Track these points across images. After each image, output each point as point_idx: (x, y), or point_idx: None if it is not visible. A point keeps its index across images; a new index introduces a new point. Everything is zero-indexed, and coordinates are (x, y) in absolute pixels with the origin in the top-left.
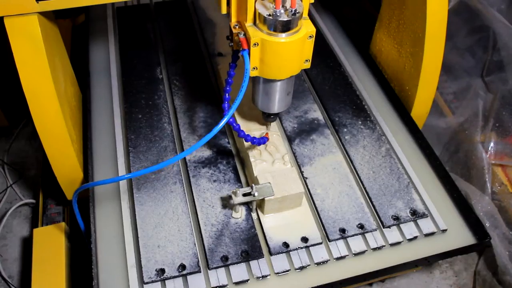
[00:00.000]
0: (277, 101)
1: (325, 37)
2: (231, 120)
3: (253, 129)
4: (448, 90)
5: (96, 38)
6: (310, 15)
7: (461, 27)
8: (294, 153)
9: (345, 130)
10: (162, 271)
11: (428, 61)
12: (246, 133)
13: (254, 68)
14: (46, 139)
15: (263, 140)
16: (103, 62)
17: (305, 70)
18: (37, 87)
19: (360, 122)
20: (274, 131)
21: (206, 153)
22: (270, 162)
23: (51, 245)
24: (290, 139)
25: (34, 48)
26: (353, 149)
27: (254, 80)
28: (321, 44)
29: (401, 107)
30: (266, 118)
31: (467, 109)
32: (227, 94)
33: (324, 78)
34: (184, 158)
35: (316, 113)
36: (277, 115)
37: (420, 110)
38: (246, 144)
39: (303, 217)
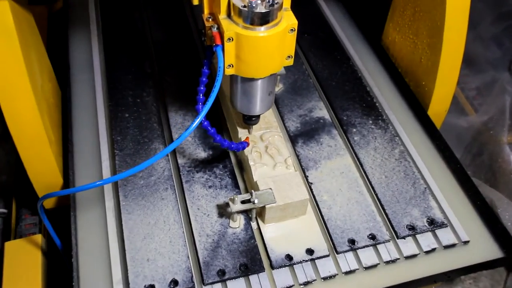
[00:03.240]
0: (258, 102)
1: (331, 26)
2: (205, 123)
3: (254, 129)
4: (470, 85)
5: (77, 28)
6: (315, 2)
7: (485, 13)
8: (297, 156)
9: (354, 130)
10: (151, 287)
11: (447, 53)
12: (241, 136)
13: (230, 66)
14: (20, 140)
15: (242, 146)
16: (84, 54)
17: (309, 64)
18: (10, 82)
19: (370, 122)
20: (276, 131)
21: (201, 155)
22: (272, 165)
23: (25, 260)
24: (293, 141)
25: (6, 39)
26: (363, 151)
27: (232, 79)
28: (327, 35)
29: (417, 104)
30: (246, 121)
31: (492, 107)
32: (201, 95)
33: (330, 73)
34: (177, 162)
35: (322, 111)
36: (258, 118)
37: (438, 107)
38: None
39: (308, 227)
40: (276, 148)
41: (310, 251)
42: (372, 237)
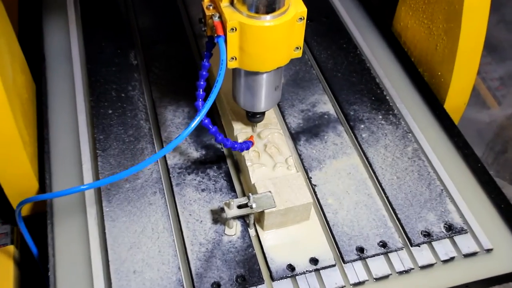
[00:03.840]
0: (263, 98)
1: (337, 11)
2: (206, 121)
3: (251, 125)
4: (493, 74)
5: (52, 12)
6: None
7: None
8: (299, 155)
9: (362, 126)
10: None
11: (466, 39)
12: (237, 134)
13: (233, 59)
14: None
15: (246, 145)
16: (61, 43)
17: (312, 53)
18: None
19: (380, 117)
20: (275, 128)
21: (193, 156)
22: (271, 166)
23: None
24: (294, 138)
25: None
26: (372, 149)
27: (235, 73)
28: (332, 21)
29: (432, 97)
30: (250, 118)
31: None
32: (201, 90)
33: (336, 63)
34: (166, 163)
35: (327, 106)
36: (263, 115)
37: (456, 100)
38: None
39: (312, 234)
40: (276, 147)
41: (314, 261)
42: (383, 244)
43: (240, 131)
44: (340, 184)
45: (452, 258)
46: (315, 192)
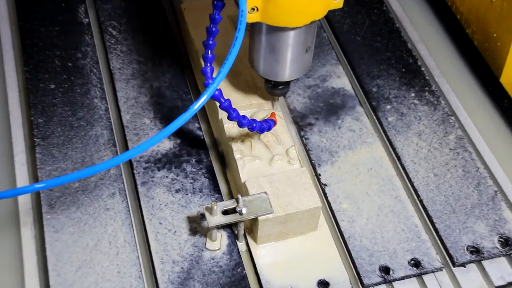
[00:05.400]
0: (288, 63)
1: None
2: (217, 93)
3: (240, 107)
4: None
5: None
6: None
7: None
8: (305, 146)
9: (389, 107)
10: None
11: None
12: (222, 117)
13: (254, 9)
14: None
15: (267, 125)
16: None
17: None
18: None
19: (413, 95)
20: (275, 110)
21: (164, 146)
22: (267, 159)
23: None
24: (298, 123)
25: None
26: (401, 137)
27: (254, 30)
28: None
29: (484, 68)
30: (271, 89)
31: None
32: (209, 52)
33: (354, 24)
34: None
35: (341, 80)
36: (288, 85)
37: None
38: (229, 131)
39: (321, 248)
40: (274, 135)
41: (323, 284)
42: (416, 263)
43: (224, 114)
44: (358, 184)
45: (510, 284)
46: (325, 194)
